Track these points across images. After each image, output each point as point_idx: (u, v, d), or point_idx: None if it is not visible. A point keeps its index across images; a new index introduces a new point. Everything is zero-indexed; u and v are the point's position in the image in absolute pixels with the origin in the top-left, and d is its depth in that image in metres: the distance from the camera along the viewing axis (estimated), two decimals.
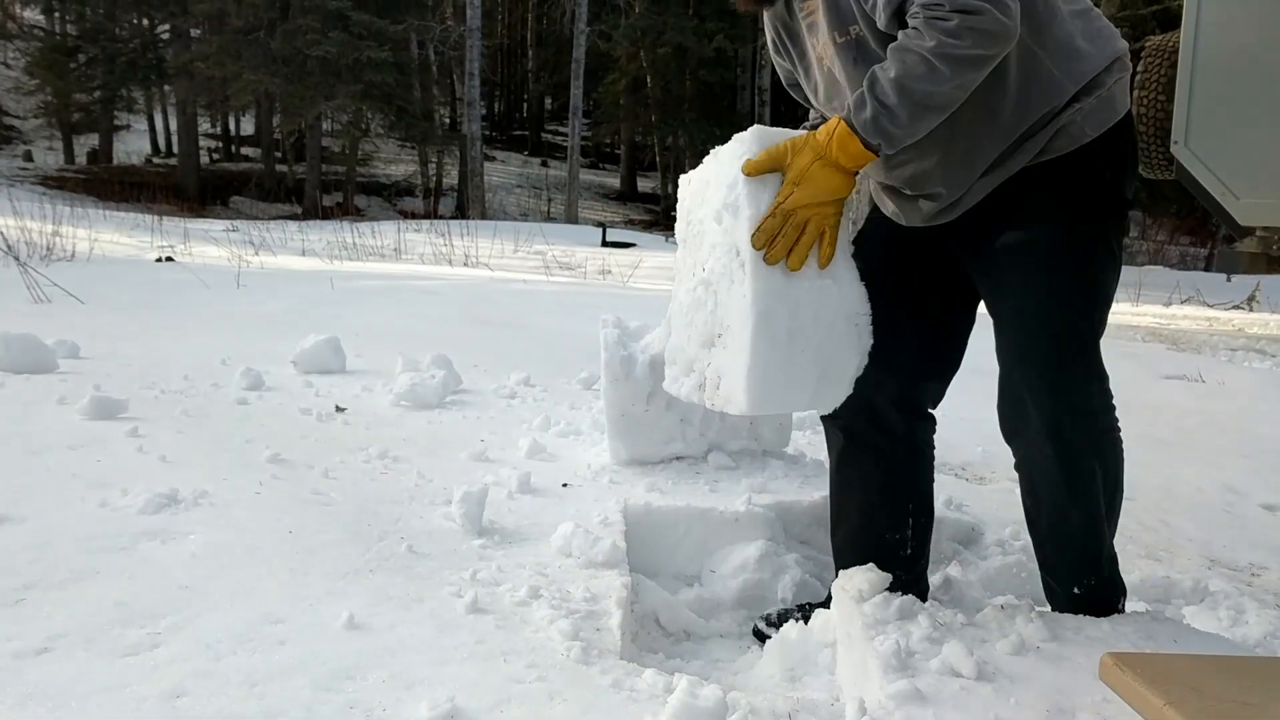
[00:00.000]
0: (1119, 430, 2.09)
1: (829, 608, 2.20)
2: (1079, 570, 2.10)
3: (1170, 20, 15.20)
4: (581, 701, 1.46)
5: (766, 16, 2.04)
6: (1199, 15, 1.91)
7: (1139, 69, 2.16)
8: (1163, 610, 2.35)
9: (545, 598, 1.89)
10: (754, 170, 1.78)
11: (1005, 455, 3.86)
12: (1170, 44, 2.06)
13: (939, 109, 1.72)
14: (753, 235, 1.74)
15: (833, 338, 1.82)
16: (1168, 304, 12.22)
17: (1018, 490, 3.31)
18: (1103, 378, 2.01)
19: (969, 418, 4.58)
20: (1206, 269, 24.30)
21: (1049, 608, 2.28)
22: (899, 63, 1.68)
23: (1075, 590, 2.07)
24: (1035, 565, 2.55)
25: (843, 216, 1.84)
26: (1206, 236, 28.63)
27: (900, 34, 1.70)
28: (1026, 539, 2.75)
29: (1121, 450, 2.12)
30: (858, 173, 1.80)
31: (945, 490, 3.15)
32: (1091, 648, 1.84)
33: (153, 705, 1.40)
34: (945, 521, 2.76)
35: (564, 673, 1.54)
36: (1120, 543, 2.97)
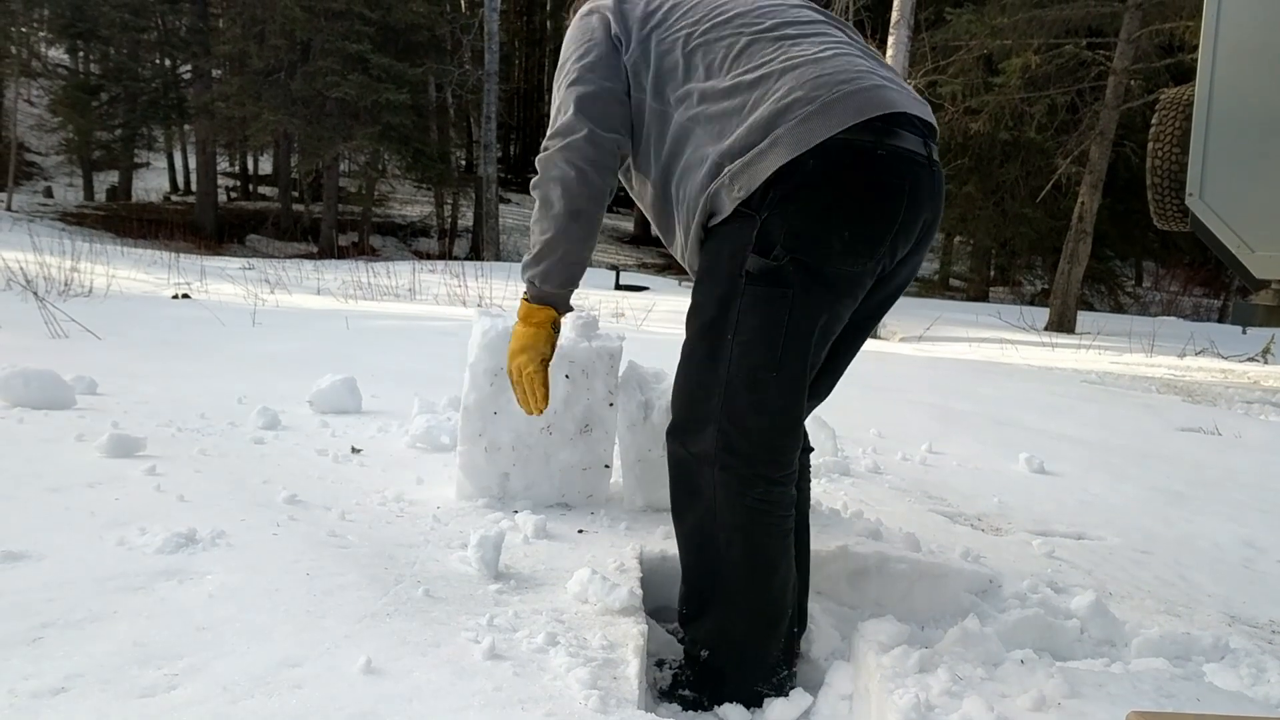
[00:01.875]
0: (731, 489, 1.93)
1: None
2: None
3: (1184, 73, 15.29)
4: None
5: None
6: (1214, 68, 1.92)
7: (1153, 121, 2.17)
8: (1182, 667, 2.32)
9: (562, 644, 1.88)
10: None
11: (1022, 506, 3.87)
12: (1185, 97, 2.07)
13: (543, 239, 2.05)
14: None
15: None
16: (1182, 355, 12.18)
17: (1035, 542, 3.32)
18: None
19: (984, 469, 4.58)
20: (1220, 320, 24.25)
21: (1068, 662, 2.26)
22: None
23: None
24: (1055, 620, 2.53)
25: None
26: (1220, 288, 28.58)
27: None
28: (1046, 592, 2.74)
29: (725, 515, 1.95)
30: (553, 324, 2.13)
31: (961, 542, 3.13)
32: (1113, 705, 1.82)
33: None
34: (962, 573, 2.74)
35: None
36: (1138, 597, 2.96)
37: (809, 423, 2.33)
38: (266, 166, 38.56)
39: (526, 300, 2.10)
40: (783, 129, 1.80)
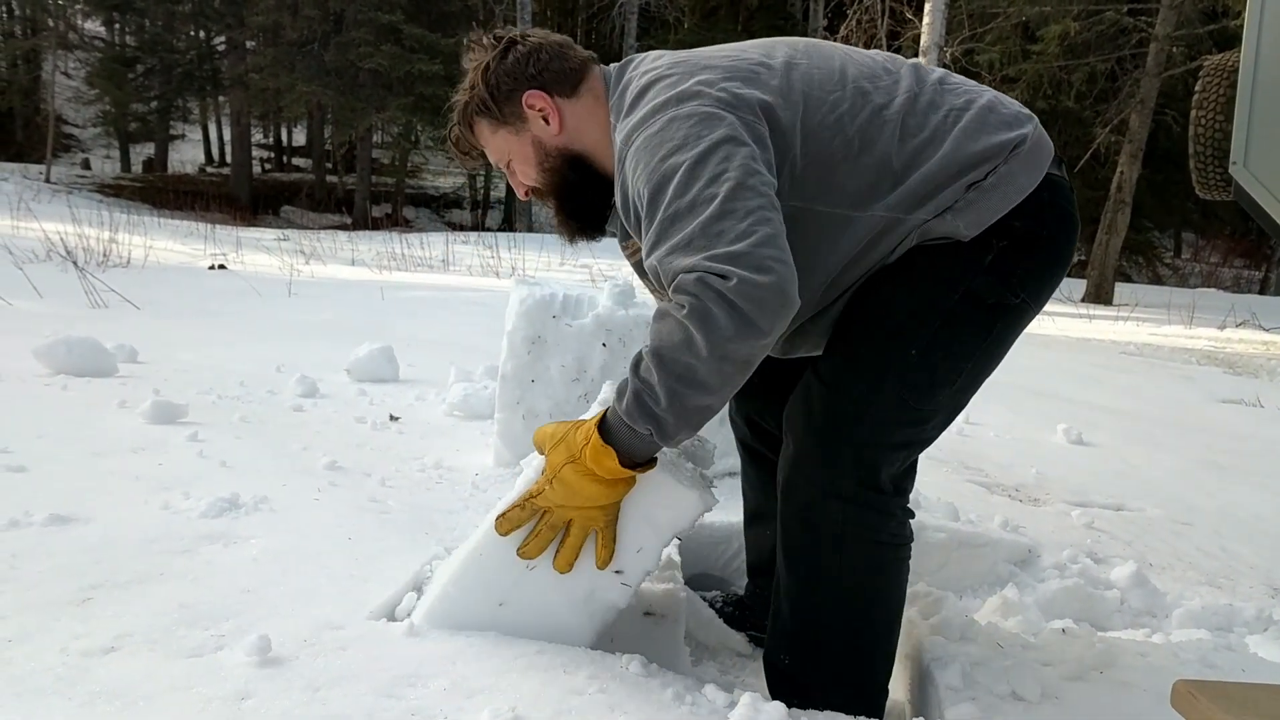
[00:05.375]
0: (867, 538, 1.72)
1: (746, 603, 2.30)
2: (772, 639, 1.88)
3: (1228, 40, 15.01)
4: (643, 714, 1.45)
5: None
6: (1260, 34, 1.88)
7: (1196, 89, 2.13)
8: (1225, 638, 2.30)
9: None
10: (536, 445, 1.67)
11: (1060, 477, 3.84)
12: (1229, 63, 2.03)
13: (702, 387, 1.47)
14: (496, 520, 1.64)
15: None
16: (1222, 327, 12.02)
17: (1074, 512, 3.30)
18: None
19: (1022, 439, 4.55)
20: (1262, 292, 23.92)
21: (1108, 632, 2.25)
22: (657, 328, 1.51)
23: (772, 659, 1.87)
24: (1095, 590, 2.52)
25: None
26: (1262, 259, 28.18)
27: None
28: (1085, 562, 2.73)
29: (862, 565, 1.74)
30: (632, 476, 1.59)
31: (999, 512, 3.12)
32: (1156, 675, 1.81)
33: (218, 707, 1.41)
34: (1001, 543, 2.73)
35: (625, 685, 1.53)
36: (1179, 568, 2.94)
37: None
38: (300, 138, 38.71)
39: (620, 459, 1.54)
40: (1004, 166, 1.64)
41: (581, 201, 1.91)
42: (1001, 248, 1.65)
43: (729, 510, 2.50)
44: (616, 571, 1.65)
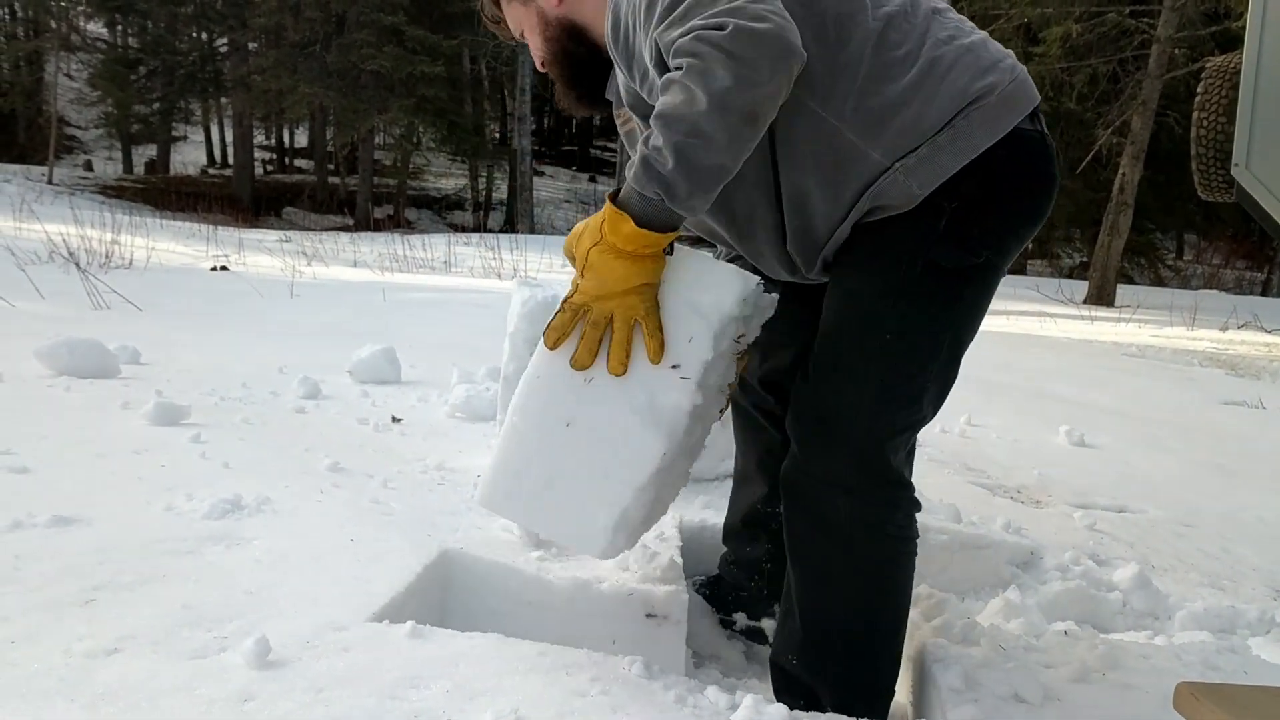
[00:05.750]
0: (875, 531, 1.72)
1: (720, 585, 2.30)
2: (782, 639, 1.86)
3: (1230, 41, 15.00)
4: (645, 716, 1.45)
5: None
6: (1262, 36, 1.88)
7: (1199, 90, 2.13)
8: (1227, 640, 2.30)
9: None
10: (566, 251, 1.63)
11: (1062, 479, 3.84)
12: (1232, 65, 2.03)
13: (707, 142, 1.46)
14: (544, 333, 1.62)
15: (591, 463, 1.63)
16: (1224, 328, 12.02)
17: (1076, 514, 3.30)
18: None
19: (1024, 441, 4.55)
20: (1264, 294, 23.91)
21: (1110, 634, 2.25)
22: (662, 98, 1.51)
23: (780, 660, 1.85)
24: (1097, 592, 2.52)
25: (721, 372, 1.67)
26: (1264, 261, 28.17)
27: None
28: (1088, 564, 2.73)
29: (874, 555, 1.73)
30: (668, 249, 1.57)
31: (1002, 514, 3.12)
32: (1158, 677, 1.81)
33: (221, 708, 1.41)
34: (1003, 545, 2.73)
35: (627, 687, 1.53)
36: (1182, 570, 2.93)
37: None
38: (302, 139, 38.76)
39: (636, 222, 1.51)
40: (962, 120, 1.61)
41: (580, 70, 1.96)
42: (954, 209, 1.64)
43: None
44: (673, 366, 1.57)
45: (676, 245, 1.59)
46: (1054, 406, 5.61)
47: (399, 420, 3.54)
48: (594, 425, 1.61)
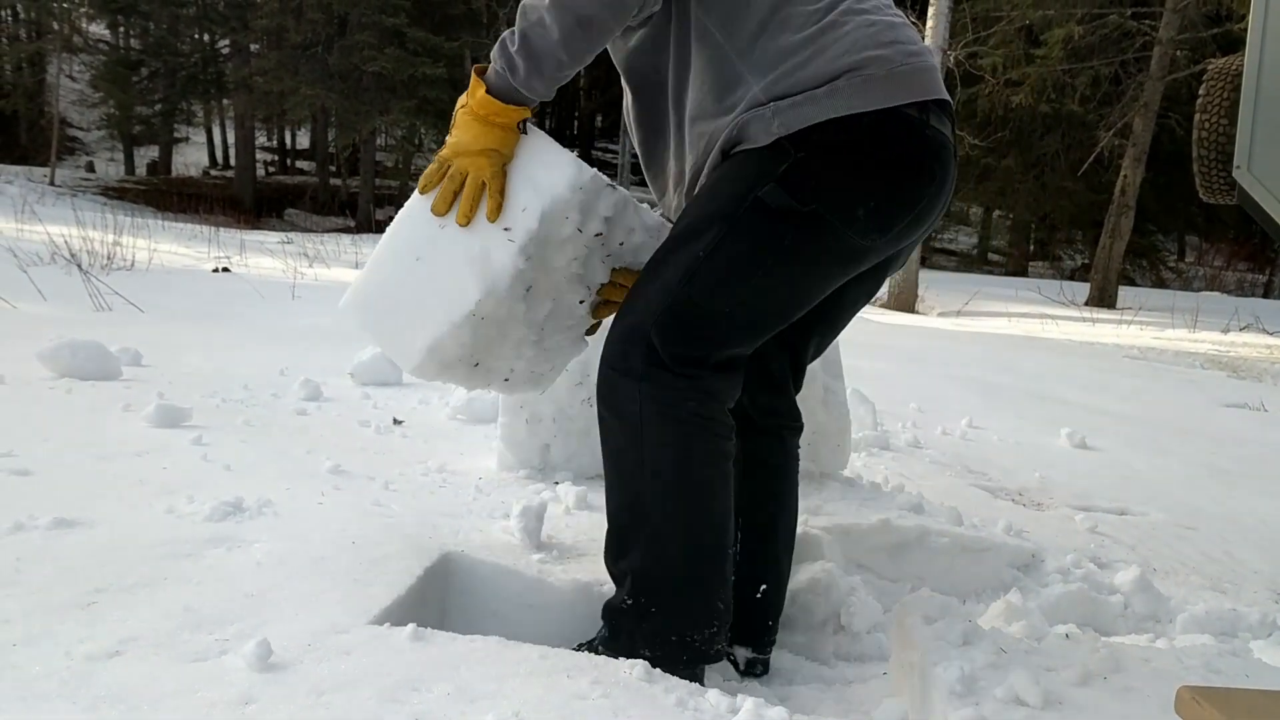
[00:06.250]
0: (666, 414, 1.75)
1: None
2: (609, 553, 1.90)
3: (1232, 43, 15.00)
4: (646, 719, 1.46)
5: None
6: (1264, 38, 1.88)
7: (1200, 92, 2.13)
8: (1229, 643, 2.30)
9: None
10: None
11: (1063, 482, 3.84)
12: (1234, 67, 2.03)
13: (545, 33, 1.69)
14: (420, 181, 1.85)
15: (437, 292, 1.83)
16: (1226, 330, 12.01)
17: (1077, 517, 3.30)
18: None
19: (1025, 443, 4.55)
20: (1265, 296, 23.89)
21: (1112, 637, 2.25)
22: None
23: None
24: (1099, 595, 2.52)
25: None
26: (1266, 263, 28.15)
27: None
28: (1089, 567, 2.72)
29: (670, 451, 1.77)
30: (521, 125, 1.80)
31: (1003, 516, 3.11)
32: (1159, 680, 1.81)
33: (222, 711, 1.41)
34: (1004, 548, 2.73)
35: (628, 690, 1.53)
36: (1183, 573, 2.93)
37: (811, 402, 2.25)
38: (304, 141, 38.75)
39: (490, 94, 1.75)
40: (844, 81, 1.69)
41: None
42: (799, 158, 1.70)
43: None
44: (505, 229, 1.78)
45: (531, 127, 1.83)
46: (1055, 409, 5.61)
47: (400, 422, 3.54)
48: (436, 263, 1.83)
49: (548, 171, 1.79)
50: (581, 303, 1.99)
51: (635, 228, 1.95)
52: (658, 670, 1.61)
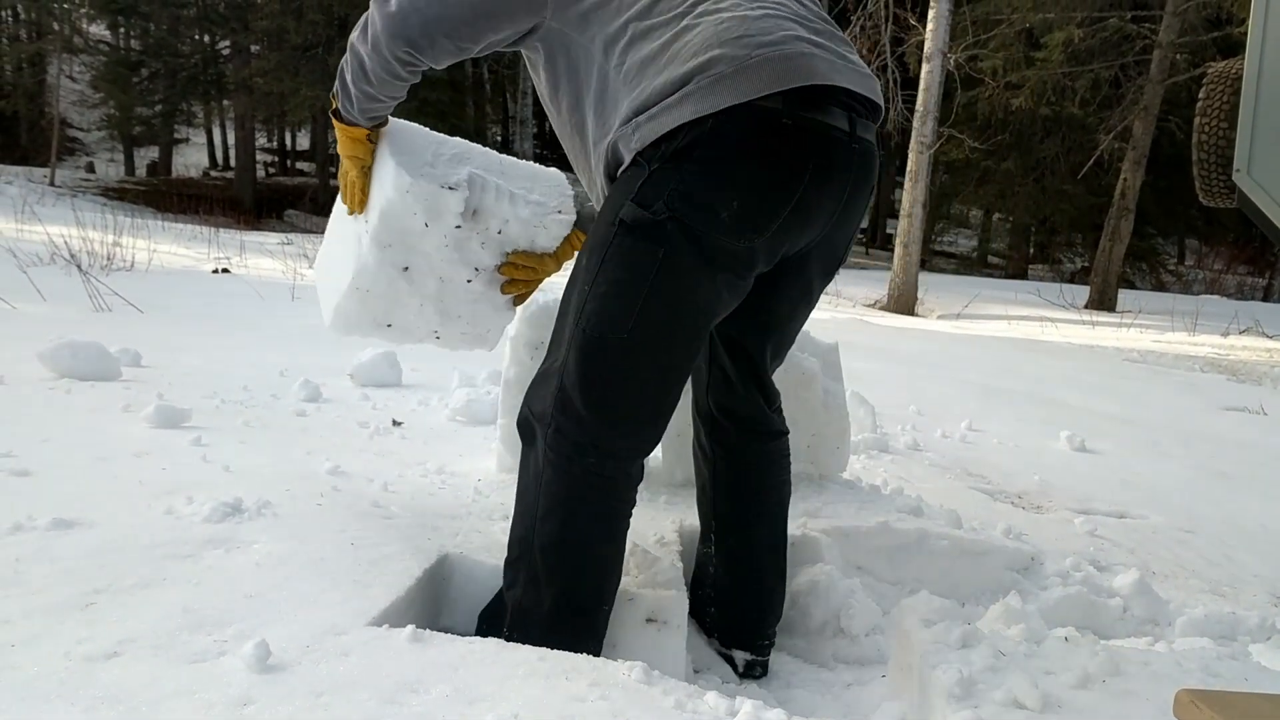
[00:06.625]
0: (559, 462, 1.79)
1: None
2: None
3: (1232, 47, 15.02)
4: None
5: None
6: (1264, 41, 1.88)
7: (1200, 95, 2.13)
8: (1228, 646, 2.30)
9: None
10: None
11: (1063, 485, 3.84)
12: (1233, 70, 2.03)
13: (348, 70, 1.92)
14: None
15: (342, 275, 2.20)
16: (1225, 334, 12.01)
17: (1076, 520, 3.29)
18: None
19: (1024, 446, 4.55)
20: (1265, 299, 23.89)
21: (1111, 640, 2.25)
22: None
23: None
24: (1098, 598, 2.52)
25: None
26: (1266, 266, 28.14)
27: None
28: (1088, 570, 2.72)
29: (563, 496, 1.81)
30: (370, 137, 2.09)
31: (1002, 519, 3.11)
32: (1158, 684, 1.81)
33: (221, 712, 1.41)
34: (1003, 550, 2.73)
35: (627, 692, 1.53)
36: (1182, 577, 2.93)
37: (811, 404, 2.29)
38: (304, 142, 38.74)
39: (332, 113, 2.07)
40: (693, 86, 1.65)
41: None
42: (653, 171, 1.70)
43: None
44: (366, 221, 2.11)
45: (393, 128, 2.16)
46: (1055, 412, 5.61)
47: (400, 424, 3.54)
48: (346, 244, 2.21)
49: (384, 178, 2.06)
50: (470, 281, 2.19)
51: (510, 219, 2.13)
52: (656, 672, 1.61)
